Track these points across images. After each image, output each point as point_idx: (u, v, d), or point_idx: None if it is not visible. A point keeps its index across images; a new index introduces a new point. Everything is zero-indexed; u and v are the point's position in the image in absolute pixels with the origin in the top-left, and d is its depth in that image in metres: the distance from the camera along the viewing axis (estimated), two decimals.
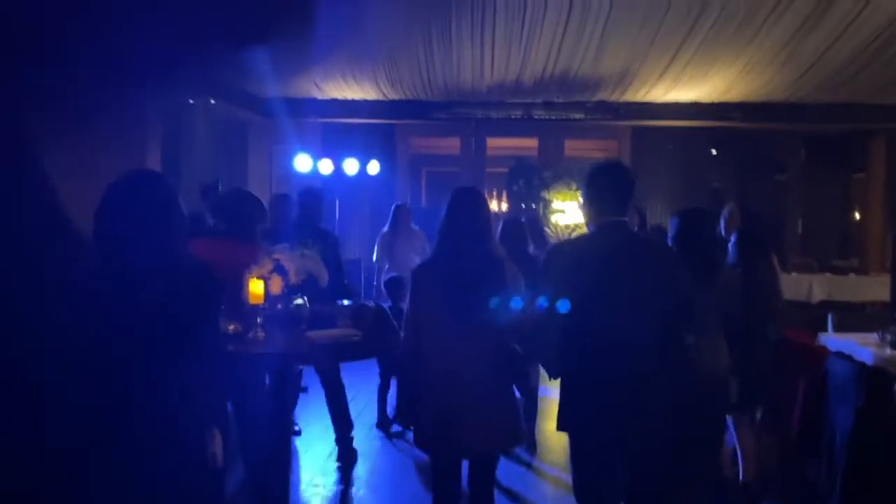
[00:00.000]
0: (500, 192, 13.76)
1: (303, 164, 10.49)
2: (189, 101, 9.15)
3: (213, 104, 9.62)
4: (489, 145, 12.88)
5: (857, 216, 13.18)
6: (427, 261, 3.29)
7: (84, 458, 2.00)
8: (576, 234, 11.35)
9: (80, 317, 1.98)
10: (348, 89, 10.25)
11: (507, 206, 12.83)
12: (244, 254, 3.57)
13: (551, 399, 6.14)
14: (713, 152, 13.15)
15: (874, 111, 10.42)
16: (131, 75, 5.64)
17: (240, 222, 3.85)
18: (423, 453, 4.65)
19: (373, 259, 7.94)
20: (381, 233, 7.73)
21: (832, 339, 4.44)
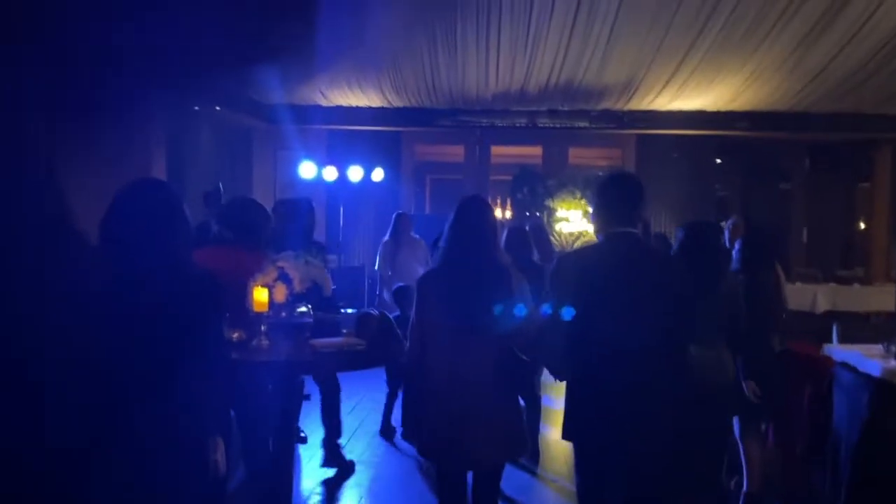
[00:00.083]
0: (503, 200, 13.76)
1: (307, 171, 10.51)
2: (194, 108, 9.17)
3: (218, 111, 9.64)
4: (493, 153, 12.88)
5: (861, 226, 13.16)
6: (432, 269, 3.26)
7: (85, 461, 2.00)
8: (580, 243, 11.36)
9: (84, 322, 1.99)
10: (353, 96, 10.27)
11: (511, 214, 12.83)
12: (249, 262, 3.57)
13: (554, 408, 6.16)
14: (718, 161, 13.13)
15: (879, 121, 10.42)
16: (138, 84, 5.66)
17: (244, 230, 3.85)
18: (425, 461, 4.68)
19: (374, 268, 7.92)
20: (383, 242, 7.71)
21: (837, 350, 4.42)
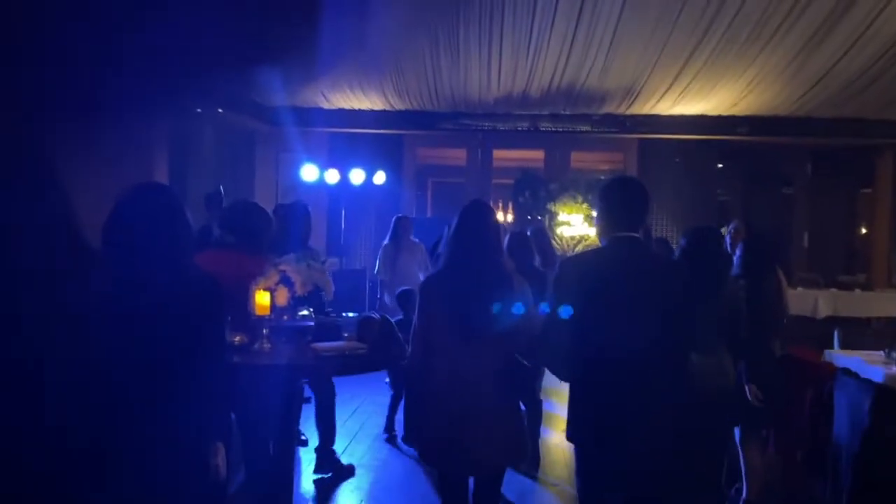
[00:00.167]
0: (505, 204, 13.75)
1: (309, 173, 10.51)
2: (197, 110, 9.17)
3: (221, 113, 9.65)
4: (495, 157, 12.87)
5: (863, 231, 13.16)
6: (436, 274, 3.24)
7: (86, 464, 2.00)
8: (581, 247, 11.35)
9: (85, 325, 1.99)
10: (355, 99, 10.27)
11: (513, 218, 12.82)
12: (251, 265, 3.57)
13: (554, 413, 6.17)
14: (719, 166, 13.13)
15: (881, 126, 10.41)
16: (140, 85, 5.67)
17: (246, 234, 3.85)
18: (426, 466, 4.68)
19: (374, 272, 7.92)
20: (383, 245, 7.71)
21: (838, 356, 4.42)
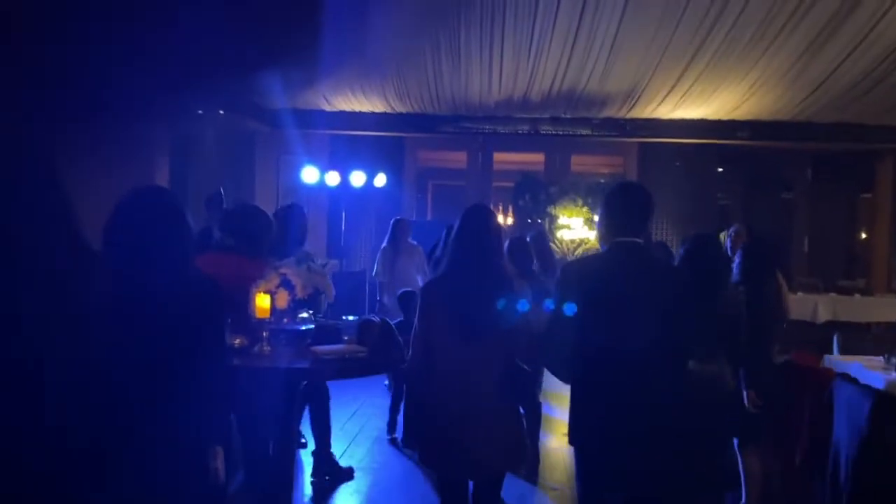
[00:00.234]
0: (505, 207, 13.76)
1: (310, 175, 10.51)
2: (198, 112, 9.18)
3: (222, 115, 9.65)
4: (496, 160, 12.89)
5: (863, 236, 13.16)
6: (437, 277, 3.25)
7: (86, 467, 2.00)
8: (581, 250, 11.35)
9: (86, 328, 1.99)
10: (356, 102, 10.28)
11: (513, 221, 12.83)
12: (251, 268, 3.58)
13: (553, 417, 6.17)
14: (720, 170, 13.13)
15: (882, 131, 10.41)
16: (142, 90, 5.67)
17: (246, 237, 3.85)
18: (426, 469, 4.67)
19: (373, 274, 7.93)
20: (382, 248, 7.73)
21: (838, 362, 4.42)
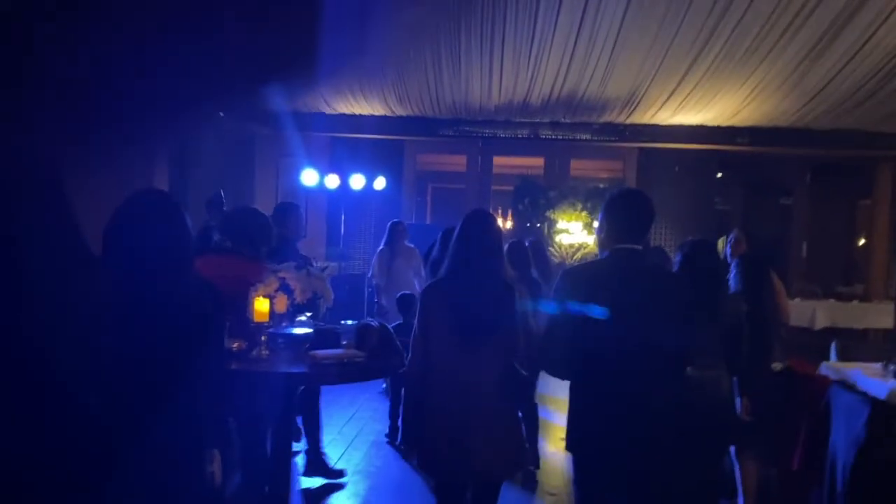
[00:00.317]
0: (505, 211, 13.77)
1: (309, 178, 10.52)
2: (201, 119, 9.17)
3: (222, 116, 9.66)
4: (495, 163, 12.90)
5: (861, 242, 13.17)
6: (437, 281, 3.24)
7: (82, 471, 2.00)
8: (580, 255, 11.36)
9: (84, 331, 1.99)
10: (356, 105, 10.29)
11: (512, 225, 12.84)
12: (249, 271, 3.58)
13: (550, 422, 6.17)
14: (719, 175, 13.15)
15: (881, 138, 10.42)
16: (142, 98, 5.67)
17: (245, 240, 3.85)
18: (423, 473, 4.67)
19: (369, 276, 7.95)
20: (379, 250, 7.76)
21: (835, 369, 4.42)
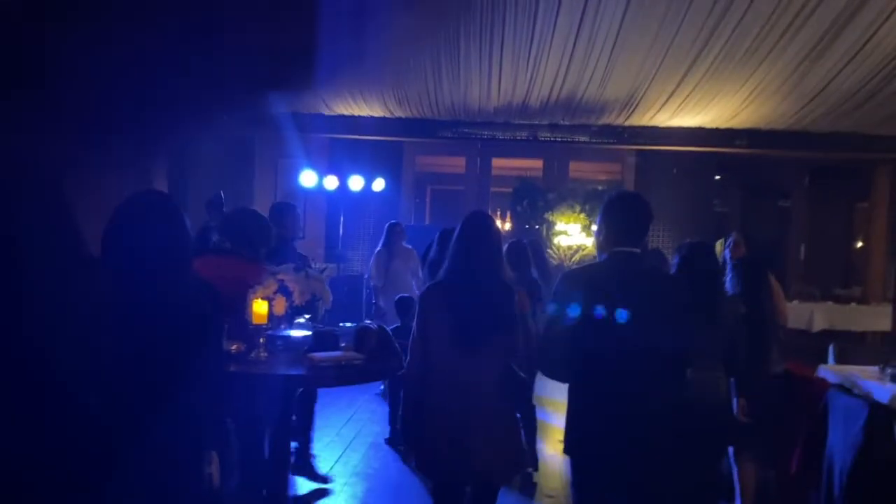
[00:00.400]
0: (503, 213, 13.77)
1: (308, 179, 10.51)
2: (201, 124, 9.17)
3: (224, 119, 9.65)
4: (494, 165, 12.91)
5: (859, 245, 13.18)
6: (436, 283, 3.24)
7: (80, 472, 2.00)
8: (579, 257, 11.36)
9: (83, 332, 2.00)
10: (355, 106, 10.28)
11: (511, 227, 12.85)
12: (248, 272, 3.58)
13: (548, 423, 6.16)
14: (717, 177, 13.16)
15: (879, 141, 10.42)
16: (142, 101, 5.68)
17: (244, 242, 3.85)
18: (422, 475, 4.68)
19: (367, 276, 7.95)
20: (377, 251, 7.77)
21: (833, 372, 4.43)
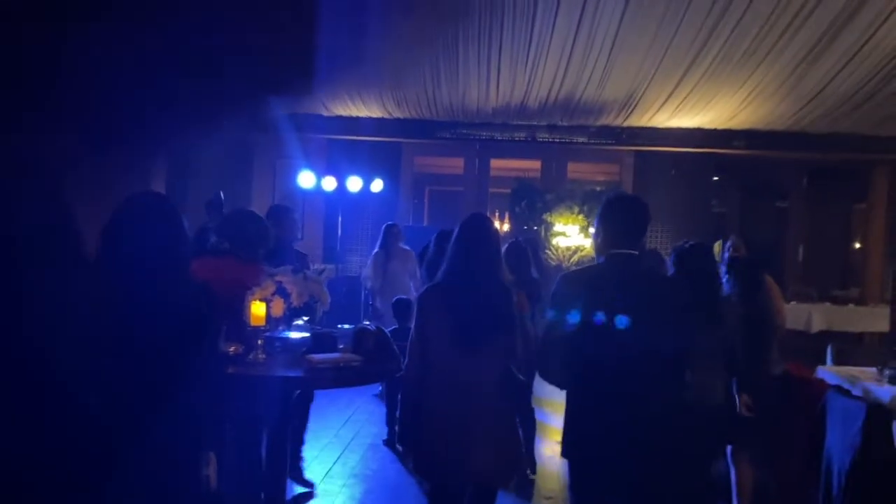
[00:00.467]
0: (502, 213, 13.78)
1: (306, 180, 10.51)
2: (201, 127, 9.15)
3: (224, 124, 9.63)
4: (493, 166, 12.92)
5: (857, 246, 13.19)
6: (434, 285, 3.24)
7: (78, 474, 2.00)
8: (577, 257, 11.36)
9: (81, 332, 1.99)
10: (354, 107, 10.28)
11: (509, 228, 12.85)
12: (246, 274, 3.57)
13: (547, 424, 6.16)
14: (715, 178, 13.16)
15: (877, 142, 10.43)
16: (142, 104, 5.67)
17: (242, 243, 3.85)
18: (419, 478, 4.67)
19: (364, 277, 7.94)
20: (374, 253, 7.76)
21: (831, 373, 4.44)
